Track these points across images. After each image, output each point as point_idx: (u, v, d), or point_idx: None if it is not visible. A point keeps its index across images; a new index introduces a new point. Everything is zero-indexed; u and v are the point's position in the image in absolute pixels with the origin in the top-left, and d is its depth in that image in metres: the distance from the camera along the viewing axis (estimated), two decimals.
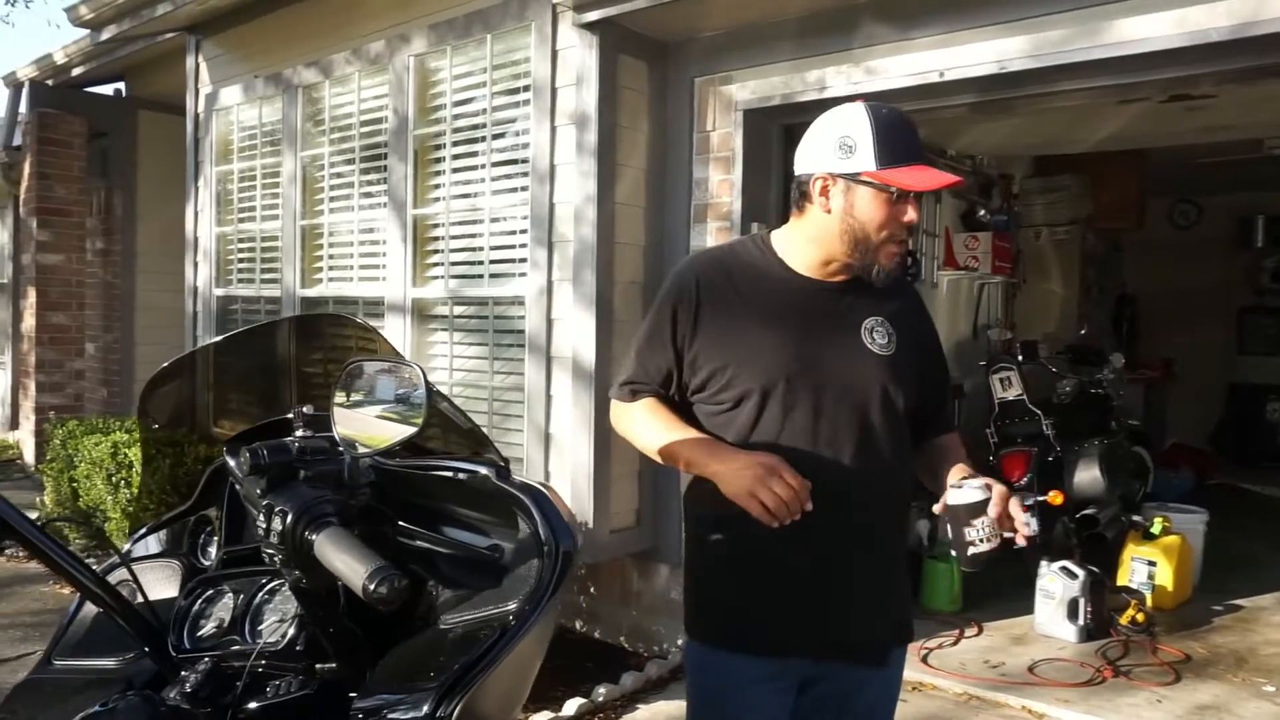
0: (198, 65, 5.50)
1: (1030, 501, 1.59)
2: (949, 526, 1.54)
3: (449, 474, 1.17)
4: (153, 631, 1.34)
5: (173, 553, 1.50)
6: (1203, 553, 4.82)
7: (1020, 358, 5.14)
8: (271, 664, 1.19)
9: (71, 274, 7.18)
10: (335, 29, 4.61)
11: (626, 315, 3.70)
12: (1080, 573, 4.09)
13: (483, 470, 1.17)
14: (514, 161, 3.90)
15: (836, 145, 1.58)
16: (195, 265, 5.55)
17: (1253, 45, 2.60)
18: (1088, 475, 4.56)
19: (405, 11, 4.27)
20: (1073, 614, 4.06)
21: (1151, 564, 4.47)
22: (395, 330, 4.29)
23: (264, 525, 0.99)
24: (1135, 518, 4.68)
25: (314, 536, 0.97)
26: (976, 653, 3.94)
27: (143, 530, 1.52)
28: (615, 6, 3.43)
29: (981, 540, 1.47)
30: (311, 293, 4.81)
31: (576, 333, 3.64)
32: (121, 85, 7.60)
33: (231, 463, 1.08)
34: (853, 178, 1.57)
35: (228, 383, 1.50)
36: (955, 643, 4.03)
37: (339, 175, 4.68)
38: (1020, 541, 1.53)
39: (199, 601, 1.32)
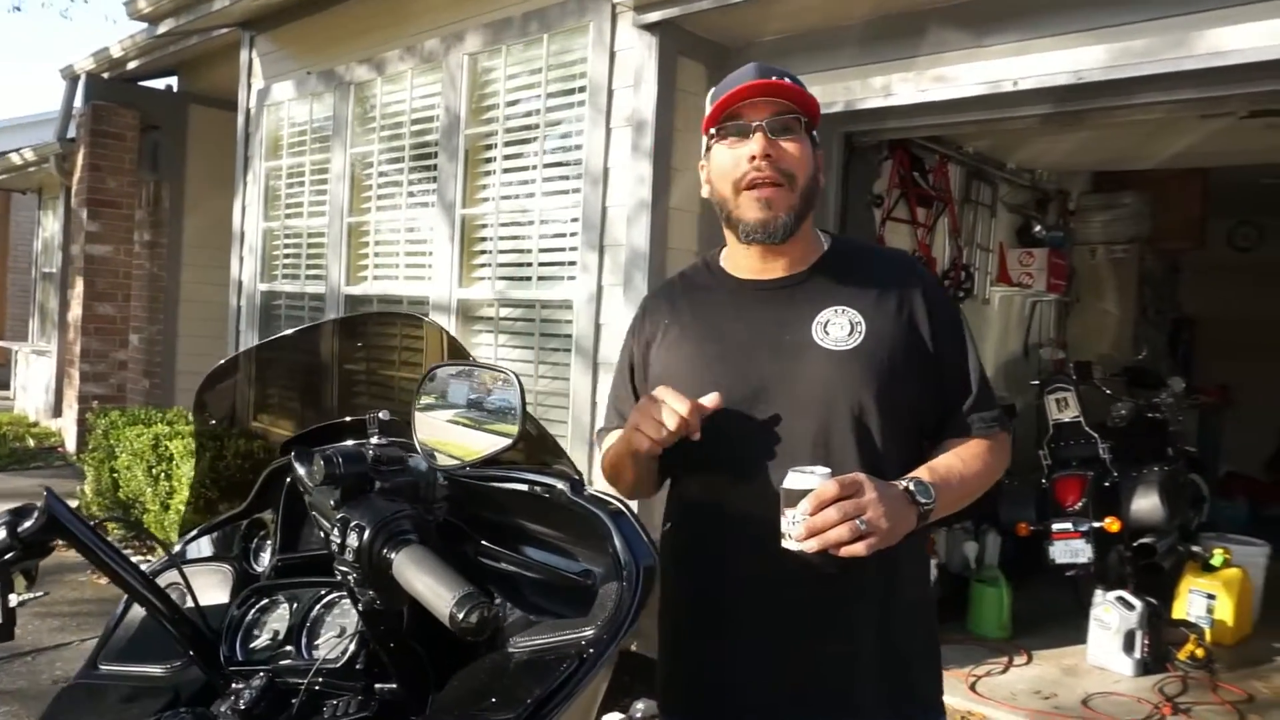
0: (251, 61, 5.52)
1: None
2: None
3: (522, 487, 1.09)
4: (203, 640, 1.28)
5: (223, 557, 1.44)
6: (1263, 587, 4.64)
7: (1074, 378, 4.99)
8: (329, 681, 1.12)
9: (119, 265, 7.24)
10: (389, 26, 4.58)
11: None
12: (1138, 604, 3.94)
13: (559, 485, 1.10)
14: (566, 163, 3.84)
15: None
16: (241, 260, 5.56)
17: None
18: (1147, 503, 4.39)
19: (461, 10, 4.23)
20: (1129, 646, 3.91)
21: (1211, 597, 4.30)
22: None
23: (338, 540, 0.92)
24: (1194, 548, 4.51)
25: (393, 555, 0.89)
26: (1027, 683, 3.80)
27: (194, 532, 1.46)
28: (677, 7, 3.36)
29: (789, 536, 1.16)
30: (356, 290, 4.78)
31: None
32: (174, 80, 7.67)
33: (301, 470, 1.00)
34: (706, 148, 1.41)
35: (287, 381, 1.44)
36: (1004, 671, 3.90)
37: (387, 173, 4.65)
38: (852, 551, 1.14)
39: (253, 611, 1.26)
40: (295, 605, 1.23)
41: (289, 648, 1.20)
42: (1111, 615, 3.94)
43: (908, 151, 4.72)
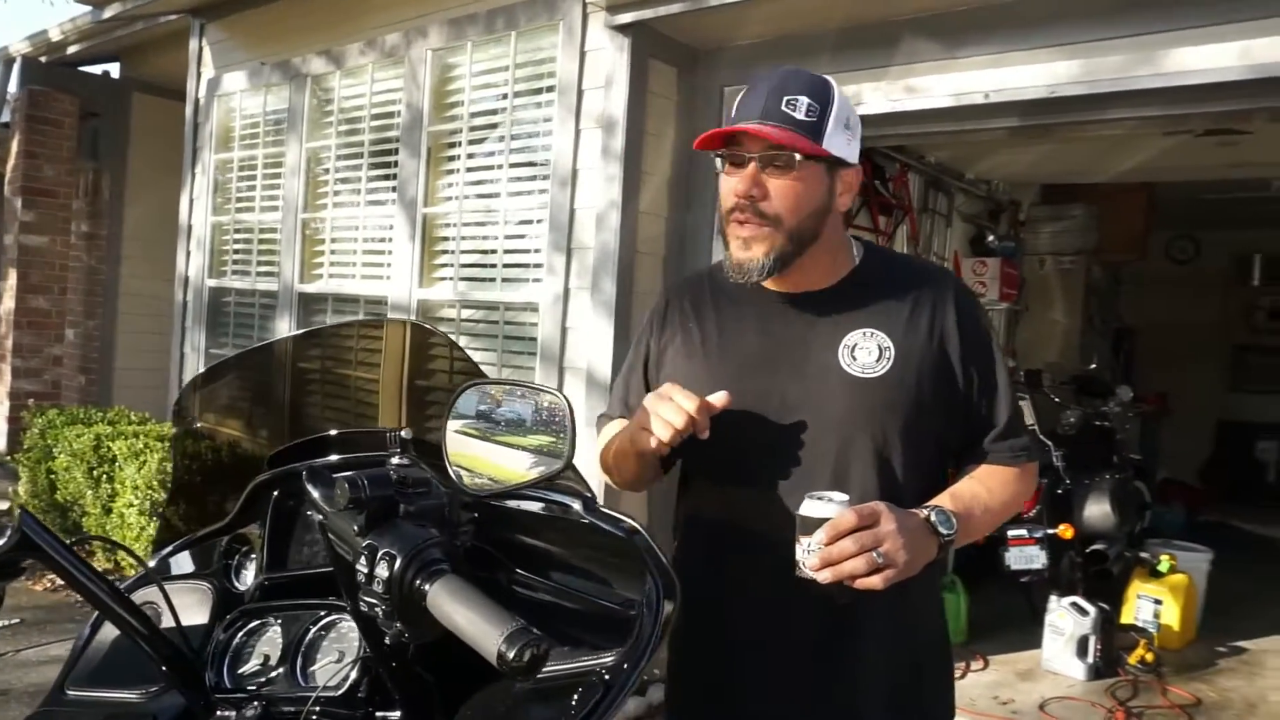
0: (201, 49, 5.34)
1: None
2: None
3: (535, 507, 1.04)
4: (185, 663, 1.20)
5: (201, 574, 1.36)
6: (1205, 592, 4.77)
7: (1025, 386, 5.07)
8: (327, 710, 1.06)
9: (55, 257, 6.95)
10: (349, 19, 4.47)
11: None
12: (1091, 609, 4.02)
13: (574, 504, 1.05)
14: (533, 163, 3.78)
15: None
16: (188, 254, 5.38)
17: None
18: (1098, 510, 4.49)
19: (424, 4, 4.14)
20: (1082, 651, 3.98)
21: (1158, 602, 4.41)
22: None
23: (365, 570, 0.86)
24: (1142, 554, 4.62)
25: (427, 586, 0.83)
26: (984, 688, 3.85)
27: (169, 548, 1.38)
28: (650, 9, 3.33)
29: (804, 565, 1.12)
30: (311, 288, 4.65)
31: (592, 343, 3.52)
32: (114, 66, 7.39)
33: (316, 493, 0.94)
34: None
35: (276, 390, 1.37)
36: (962, 676, 3.94)
37: (345, 169, 4.53)
38: (867, 584, 1.11)
39: (240, 634, 1.19)
40: (288, 628, 1.17)
41: (282, 674, 1.13)
42: (1066, 621, 4.01)
43: (870, 160, 4.75)
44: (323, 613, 1.14)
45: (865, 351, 1.31)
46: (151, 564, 1.34)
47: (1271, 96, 2.67)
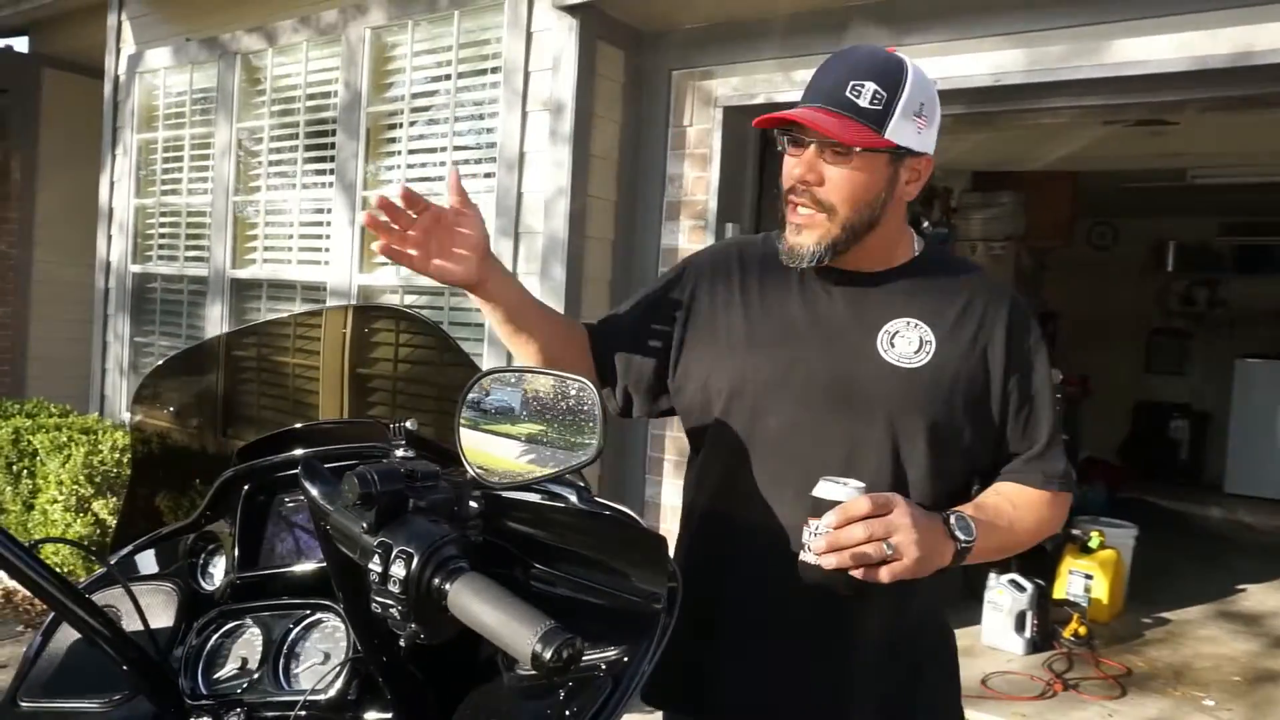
0: (120, 23, 5.10)
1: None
2: None
3: (535, 498, 1.01)
4: (152, 667, 1.14)
5: (165, 574, 1.29)
6: (1130, 566, 4.96)
7: None
8: (315, 714, 1.02)
9: None
10: None
11: (594, 313, 3.54)
12: (1028, 586, 4.13)
13: (570, 496, 1.02)
14: (479, 146, 3.71)
15: None
16: (109, 238, 5.15)
17: (1249, 74, 2.63)
18: None
19: None
20: (1020, 626, 4.10)
21: (1088, 577, 4.57)
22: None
23: (379, 571, 0.81)
24: (1074, 531, 4.77)
25: (447, 585, 0.80)
26: None
27: (129, 547, 1.30)
28: None
29: (808, 549, 1.10)
30: (244, 274, 4.49)
31: None
32: (20, 41, 7.02)
33: (314, 489, 0.89)
34: None
35: (246, 380, 1.30)
36: None
37: (279, 150, 4.39)
38: (872, 575, 1.09)
39: (215, 636, 1.13)
40: (267, 628, 1.11)
41: (262, 678, 1.08)
42: (1004, 597, 4.12)
43: None
44: (306, 612, 1.09)
45: (905, 341, 1.27)
46: (112, 562, 1.27)
47: (1207, 87, 2.75)
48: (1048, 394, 1.33)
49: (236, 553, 1.21)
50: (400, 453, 0.93)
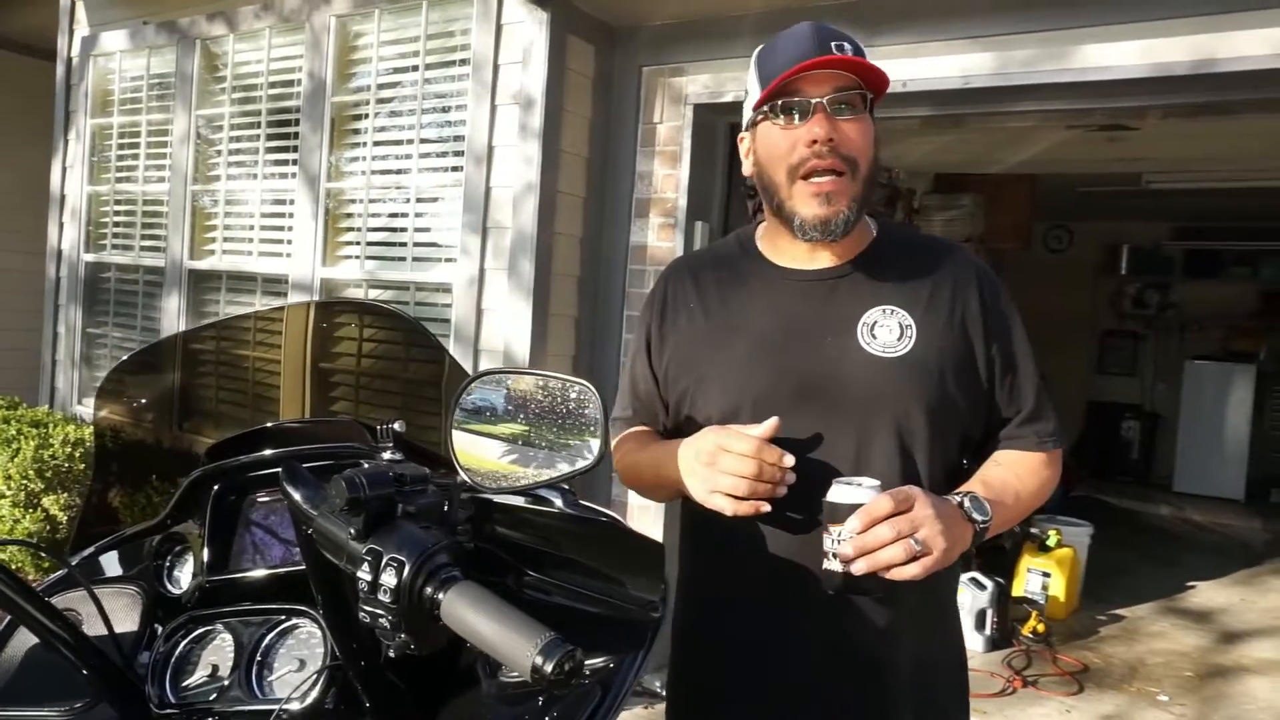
0: (73, 4, 4.95)
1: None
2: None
3: (521, 502, 0.99)
4: (118, 674, 1.10)
5: (129, 577, 1.25)
6: (1086, 564, 5.05)
7: None
8: None
9: None
10: None
11: (562, 309, 3.53)
12: (989, 584, 4.19)
13: (556, 500, 1.00)
14: (446, 139, 3.65)
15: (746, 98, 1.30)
16: (60, 226, 5.00)
17: (1210, 81, 2.68)
18: None
19: None
20: (980, 624, 4.15)
21: (1046, 575, 4.64)
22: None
23: (368, 579, 0.78)
24: (1032, 529, 4.85)
25: (440, 595, 0.77)
26: None
27: (91, 549, 1.26)
28: None
29: (833, 555, 1.06)
30: (202, 265, 4.39)
31: (510, 325, 3.44)
32: None
33: (296, 494, 0.85)
34: (751, 122, 1.28)
35: (213, 378, 1.26)
36: None
37: (240, 139, 4.29)
38: (904, 573, 1.06)
39: (184, 642, 1.09)
40: (238, 634, 1.08)
41: (234, 686, 1.04)
42: (965, 596, 4.17)
43: None
44: (280, 618, 1.06)
45: (885, 330, 1.24)
46: (73, 564, 1.22)
47: (1169, 93, 2.80)
48: (1028, 354, 1.33)
49: (206, 555, 1.17)
50: (388, 455, 0.90)
